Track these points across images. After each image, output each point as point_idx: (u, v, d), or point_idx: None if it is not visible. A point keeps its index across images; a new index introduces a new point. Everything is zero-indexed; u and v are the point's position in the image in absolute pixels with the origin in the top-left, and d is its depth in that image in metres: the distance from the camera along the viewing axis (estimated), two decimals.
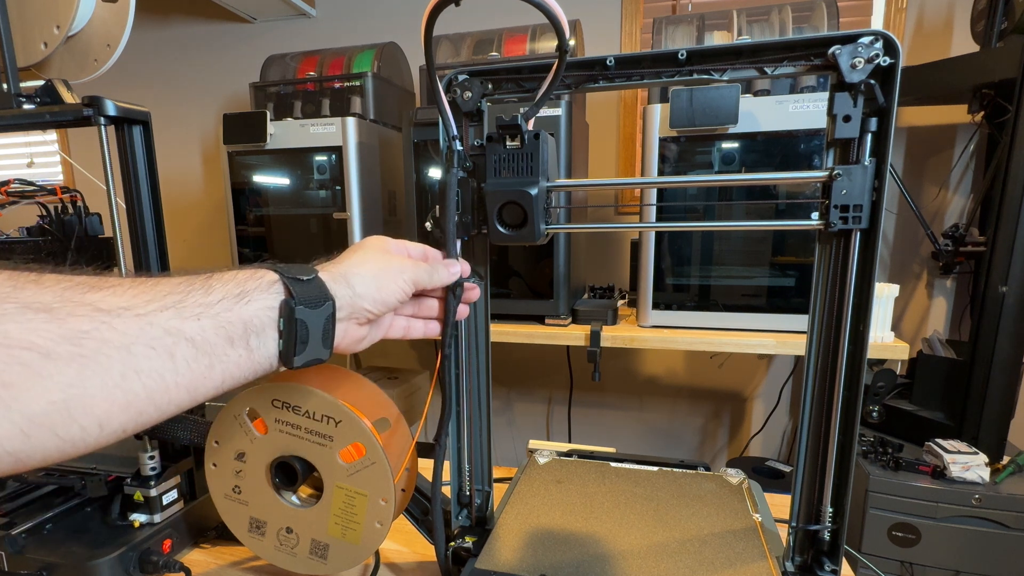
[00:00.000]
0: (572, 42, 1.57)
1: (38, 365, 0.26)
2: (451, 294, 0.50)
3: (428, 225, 0.52)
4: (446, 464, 0.57)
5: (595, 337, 1.38)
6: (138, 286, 0.32)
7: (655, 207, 1.39)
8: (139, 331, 0.30)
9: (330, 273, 0.40)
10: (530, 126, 0.49)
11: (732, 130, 1.27)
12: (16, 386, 0.26)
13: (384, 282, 0.43)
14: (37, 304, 0.27)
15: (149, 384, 0.30)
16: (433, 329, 0.51)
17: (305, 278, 0.38)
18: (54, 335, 0.27)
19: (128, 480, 0.63)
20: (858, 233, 0.44)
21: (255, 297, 0.36)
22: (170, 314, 0.31)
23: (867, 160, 0.42)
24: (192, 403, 0.33)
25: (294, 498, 0.55)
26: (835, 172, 0.43)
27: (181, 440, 0.61)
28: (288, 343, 0.37)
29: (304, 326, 0.37)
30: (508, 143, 0.48)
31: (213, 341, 0.33)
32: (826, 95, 0.44)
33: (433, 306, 0.50)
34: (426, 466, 0.67)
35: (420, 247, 0.49)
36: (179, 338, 0.31)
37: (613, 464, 0.71)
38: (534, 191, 0.47)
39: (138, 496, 0.63)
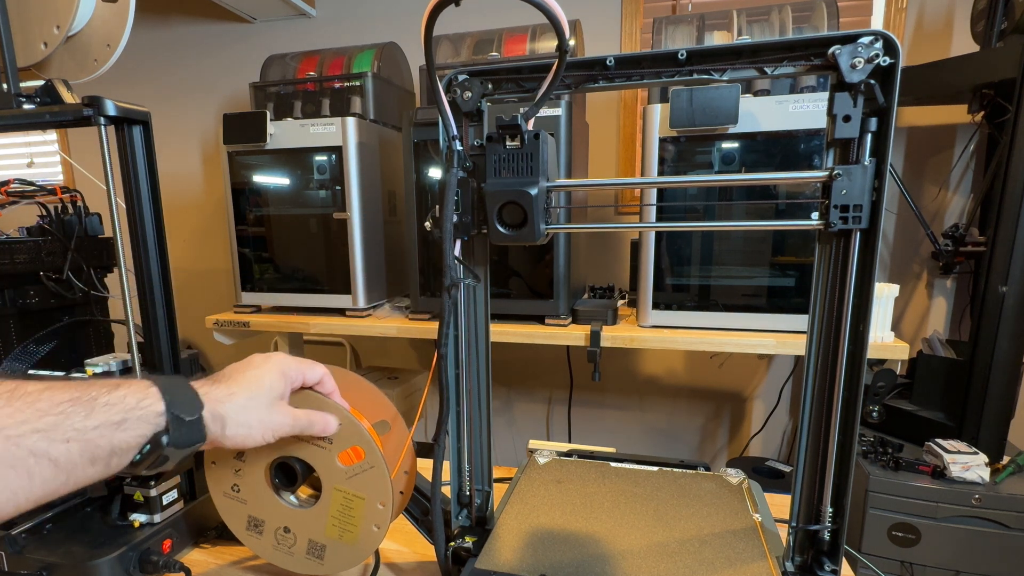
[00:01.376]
0: (572, 42, 1.57)
1: None
2: (446, 294, 0.50)
3: (428, 225, 0.52)
4: (445, 464, 0.57)
5: (595, 337, 1.38)
6: (17, 400, 0.32)
7: (655, 207, 1.39)
8: (4, 452, 0.31)
9: (211, 411, 0.41)
10: (530, 126, 0.49)
11: (732, 130, 1.27)
12: None
13: (254, 433, 0.44)
14: None
15: (1, 499, 0.31)
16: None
17: (188, 418, 0.39)
18: None
19: (128, 480, 0.63)
20: (858, 233, 0.44)
21: (133, 426, 0.36)
22: (39, 437, 0.32)
23: (867, 160, 0.42)
24: (33, 507, 0.34)
25: (292, 498, 0.55)
26: (835, 172, 0.43)
27: None
28: (142, 464, 0.38)
29: (164, 459, 0.39)
30: (508, 143, 0.48)
31: (76, 462, 0.34)
32: (826, 95, 0.44)
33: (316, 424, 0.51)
34: (426, 466, 0.67)
35: (319, 374, 0.51)
36: (42, 459, 0.32)
37: (613, 464, 0.71)
38: (534, 191, 0.47)
39: (138, 496, 0.63)
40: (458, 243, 0.52)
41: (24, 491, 0.32)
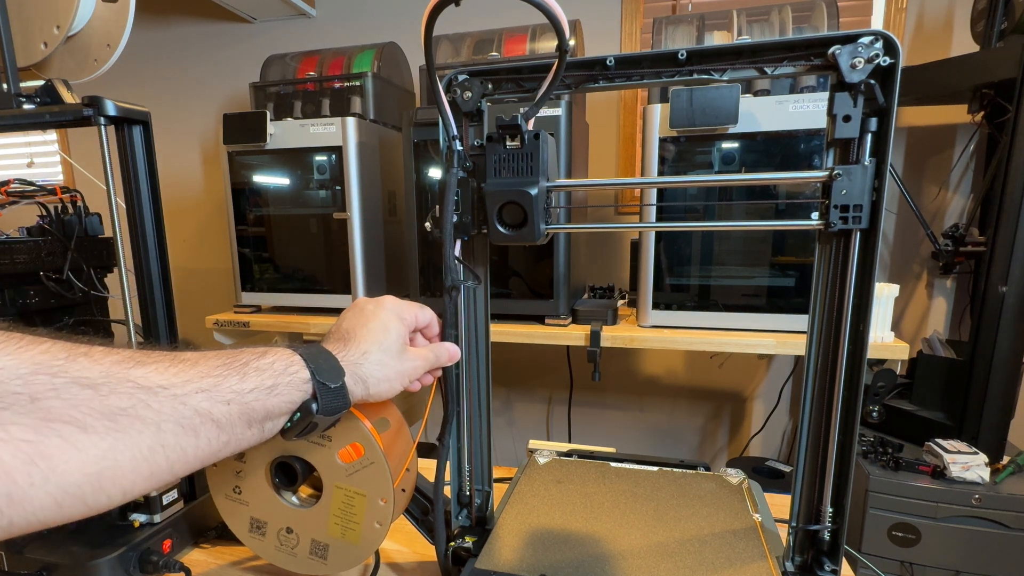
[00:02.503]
0: (572, 42, 1.57)
1: (76, 438, 0.29)
2: (448, 296, 0.50)
3: (428, 225, 0.52)
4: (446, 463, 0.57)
5: (595, 337, 1.38)
6: (179, 363, 0.34)
7: (655, 207, 1.39)
8: (172, 410, 0.32)
9: (352, 375, 0.43)
10: (530, 126, 0.49)
11: (732, 130, 1.27)
12: (54, 458, 0.28)
13: (395, 385, 0.46)
14: (84, 379, 0.30)
15: (172, 457, 0.33)
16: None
17: (333, 386, 0.41)
18: (94, 410, 0.29)
19: None
20: (858, 233, 0.44)
21: (283, 392, 0.38)
22: (203, 397, 0.34)
23: (867, 160, 0.42)
24: (199, 468, 0.36)
25: (294, 498, 0.55)
26: (835, 172, 0.43)
27: None
28: (294, 430, 0.40)
29: (313, 426, 0.41)
30: (508, 143, 0.48)
31: (235, 423, 0.36)
32: (826, 95, 0.44)
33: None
34: (426, 466, 0.67)
35: (429, 317, 0.52)
36: (207, 419, 0.34)
37: (613, 464, 0.71)
38: (534, 191, 0.47)
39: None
40: (458, 243, 0.52)
41: (192, 448, 0.34)
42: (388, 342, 0.45)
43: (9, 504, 0.27)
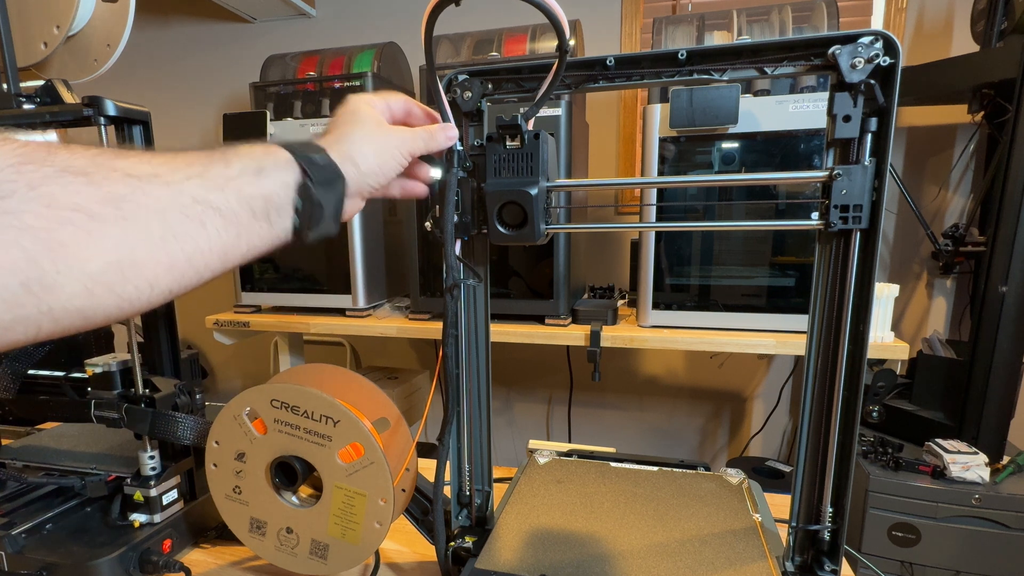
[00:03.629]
0: (572, 42, 1.57)
1: (87, 226, 0.28)
2: (449, 295, 0.50)
3: (428, 225, 0.52)
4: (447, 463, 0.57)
5: (595, 337, 1.38)
6: (160, 155, 0.33)
7: (655, 207, 1.39)
8: (170, 198, 0.31)
9: (337, 152, 0.41)
10: (530, 126, 0.49)
11: (732, 130, 1.27)
12: (70, 245, 0.27)
13: (385, 159, 0.44)
14: (73, 168, 0.28)
15: (187, 248, 0.32)
16: (423, 190, 0.51)
17: (318, 160, 0.39)
18: (96, 198, 0.28)
19: (128, 480, 0.63)
20: (858, 233, 0.44)
21: (272, 173, 0.37)
22: (195, 183, 0.33)
23: (867, 160, 0.42)
24: (223, 269, 0.35)
25: (294, 498, 0.55)
26: (835, 172, 0.43)
27: (181, 440, 0.61)
28: (304, 221, 0.39)
29: (320, 207, 0.39)
30: (508, 143, 0.48)
31: (238, 212, 0.34)
32: (826, 95, 0.44)
33: (424, 167, 0.51)
34: (426, 466, 0.67)
35: (401, 102, 0.48)
36: (207, 207, 0.33)
37: (613, 464, 0.71)
38: (534, 191, 0.47)
39: (138, 496, 0.63)
40: (458, 243, 0.52)
41: (204, 239, 0.33)
42: (361, 120, 0.44)
43: (43, 290, 0.26)
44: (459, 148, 0.50)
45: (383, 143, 0.44)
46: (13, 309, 0.26)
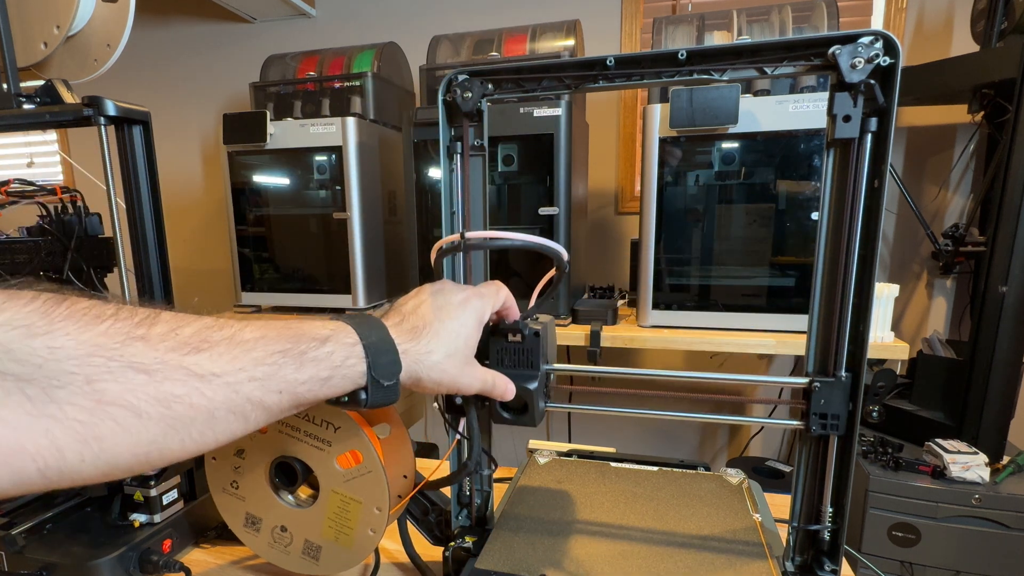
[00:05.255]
0: (572, 42, 1.57)
1: (130, 423, 0.29)
2: (473, 408, 0.51)
3: (436, 405, 0.55)
4: (445, 460, 0.57)
5: (595, 337, 1.38)
6: (235, 347, 0.34)
7: (655, 207, 1.39)
8: (225, 398, 0.33)
9: (408, 372, 0.41)
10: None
11: (732, 130, 1.27)
12: (106, 440, 0.29)
13: (443, 389, 0.44)
14: (139, 364, 0.30)
15: (220, 438, 0.34)
16: None
17: (386, 383, 0.39)
18: (149, 396, 0.30)
19: (128, 480, 0.63)
20: (836, 438, 0.44)
21: (337, 384, 0.38)
22: (256, 386, 0.34)
23: (843, 374, 0.46)
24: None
25: (290, 498, 0.55)
26: (814, 384, 0.46)
27: None
28: (335, 404, 0.40)
29: (357, 409, 0.40)
30: (510, 338, 0.51)
31: (285, 409, 0.36)
32: (826, 95, 0.44)
33: None
34: (425, 466, 0.67)
35: (503, 299, 0.49)
36: (258, 406, 0.34)
37: (613, 464, 0.71)
38: (533, 385, 0.50)
39: (138, 496, 0.63)
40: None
41: (241, 429, 0.34)
42: (456, 350, 0.43)
43: (59, 477, 0.28)
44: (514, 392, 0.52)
45: (454, 380, 0.43)
46: (20, 487, 0.27)
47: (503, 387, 0.49)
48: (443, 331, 0.43)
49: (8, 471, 0.26)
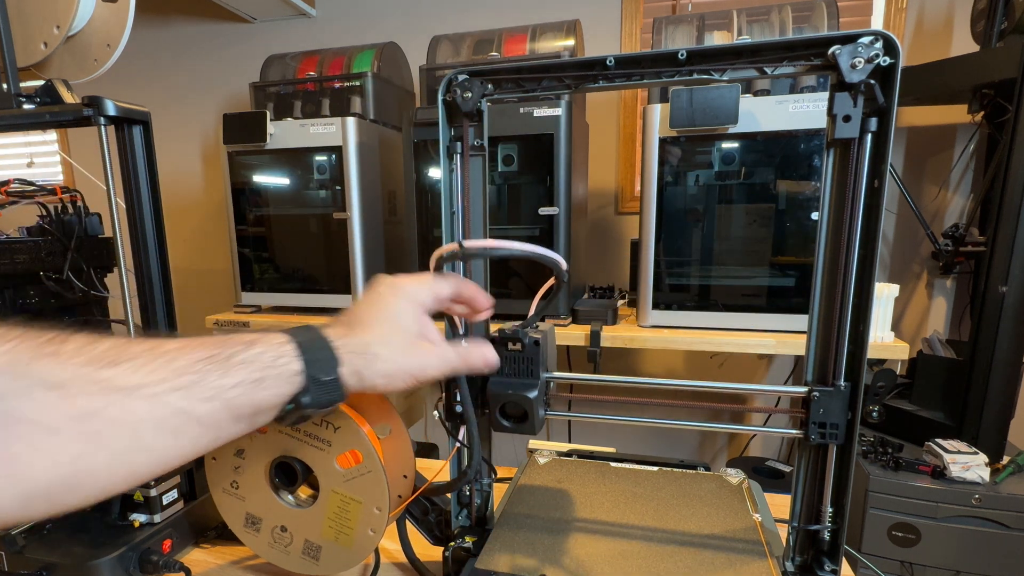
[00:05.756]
0: (572, 42, 1.57)
1: (43, 442, 0.27)
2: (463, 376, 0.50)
3: (436, 414, 0.55)
4: (446, 465, 0.57)
5: (595, 337, 1.38)
6: (156, 359, 0.32)
7: (655, 208, 1.39)
8: (148, 411, 0.31)
9: (348, 366, 0.39)
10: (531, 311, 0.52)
11: (732, 130, 1.27)
12: (19, 461, 0.27)
13: (395, 381, 0.41)
14: (49, 381, 0.28)
15: (152, 459, 0.32)
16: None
17: (325, 379, 0.38)
18: (62, 414, 0.28)
19: None
20: (835, 447, 0.44)
21: (271, 385, 0.36)
22: (181, 395, 0.32)
23: (842, 383, 0.46)
24: (189, 463, 0.34)
25: (290, 497, 0.54)
26: (813, 393, 0.46)
27: None
28: (285, 419, 0.38)
29: (306, 417, 0.39)
30: (510, 347, 0.51)
31: (220, 420, 0.34)
32: (826, 95, 0.44)
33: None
34: (425, 466, 0.67)
35: (449, 288, 0.45)
36: (187, 418, 0.32)
37: (613, 464, 0.71)
38: (533, 394, 0.50)
39: (138, 496, 0.63)
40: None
41: (174, 449, 0.32)
42: (394, 336, 0.41)
43: None
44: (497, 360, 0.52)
45: (402, 368, 0.41)
46: None
47: (479, 357, 0.46)
48: (374, 324, 0.41)
49: None
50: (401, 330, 0.41)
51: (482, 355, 0.47)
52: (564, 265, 0.48)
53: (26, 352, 0.28)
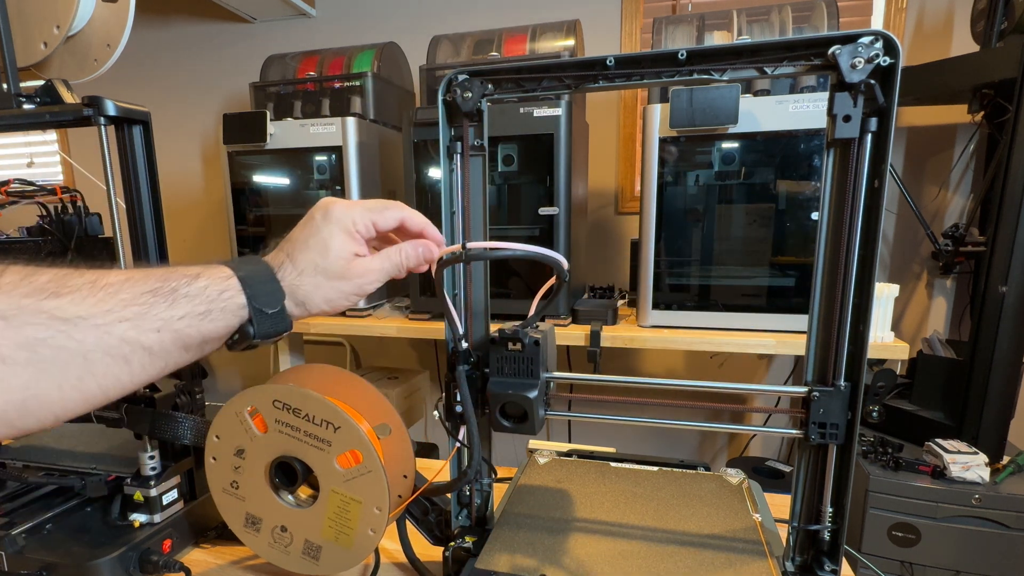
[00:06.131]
0: (572, 42, 1.57)
1: None
2: (462, 373, 0.51)
3: (436, 414, 0.55)
4: (446, 465, 0.57)
5: (595, 337, 1.38)
6: (98, 292, 0.33)
7: (655, 208, 1.39)
8: (96, 340, 0.31)
9: (291, 296, 0.41)
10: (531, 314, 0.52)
11: (732, 130, 1.27)
12: None
13: (338, 303, 0.43)
14: None
15: (105, 384, 0.32)
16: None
17: (270, 311, 0.39)
18: (9, 342, 0.29)
19: (128, 480, 0.63)
20: (835, 447, 0.44)
21: (217, 317, 0.37)
22: (128, 325, 0.33)
23: (842, 383, 0.46)
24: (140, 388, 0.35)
25: (290, 497, 0.55)
26: (813, 393, 0.46)
27: (181, 440, 0.61)
28: (233, 346, 0.39)
29: (254, 346, 0.40)
30: (510, 347, 0.51)
31: (169, 349, 0.35)
32: (826, 95, 0.44)
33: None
34: (425, 466, 0.67)
35: (392, 219, 0.46)
36: (136, 347, 0.33)
37: (613, 464, 0.71)
38: (533, 394, 0.50)
39: (138, 496, 0.63)
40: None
41: (127, 375, 0.33)
42: (327, 262, 0.42)
43: None
44: (464, 346, 0.53)
45: (341, 291, 0.42)
46: None
47: (416, 252, 0.46)
48: (306, 250, 0.42)
49: None
50: (332, 258, 0.42)
51: (415, 250, 0.46)
52: (566, 265, 0.49)
53: None
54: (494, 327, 0.54)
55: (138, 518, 0.63)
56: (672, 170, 1.34)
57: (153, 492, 0.63)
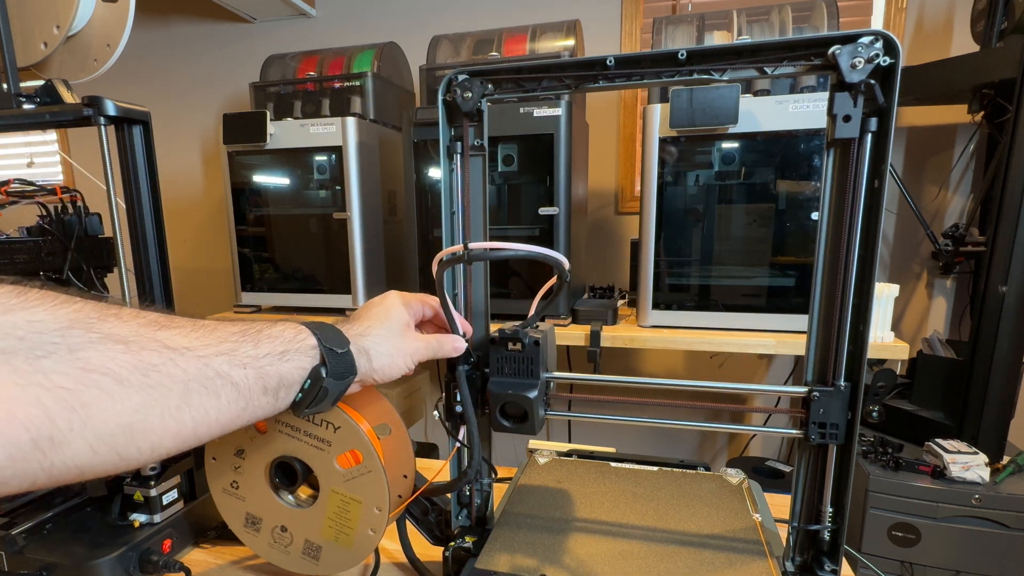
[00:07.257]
0: (572, 42, 1.57)
1: (113, 389, 0.30)
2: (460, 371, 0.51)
3: (436, 414, 0.55)
4: (446, 465, 0.57)
5: (595, 337, 1.38)
6: (199, 329, 0.37)
7: (655, 208, 1.39)
8: (197, 370, 0.34)
9: (356, 346, 0.45)
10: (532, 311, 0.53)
11: (732, 130, 1.27)
12: (92, 406, 0.29)
13: (397, 362, 0.48)
14: (116, 336, 0.31)
15: (196, 417, 0.34)
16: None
17: (339, 351, 0.43)
18: (128, 364, 0.31)
19: (128, 480, 0.63)
20: (834, 448, 0.44)
21: (293, 358, 0.41)
22: (223, 360, 0.36)
23: (842, 383, 0.46)
24: (220, 435, 0.37)
25: (290, 497, 0.55)
26: (813, 393, 0.46)
27: None
28: (306, 400, 0.42)
29: (325, 392, 0.42)
30: (510, 347, 0.52)
31: (252, 388, 0.38)
32: (826, 95, 0.44)
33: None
34: (425, 466, 0.67)
35: (431, 308, 0.53)
36: (227, 382, 0.36)
37: (613, 464, 0.71)
38: (533, 394, 0.50)
39: (138, 496, 0.63)
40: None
41: (214, 410, 0.35)
42: (390, 323, 0.48)
43: (51, 447, 0.28)
44: (464, 346, 0.54)
45: (400, 348, 0.48)
46: (16, 464, 0.28)
47: (451, 343, 0.52)
48: (371, 315, 0.48)
49: (2, 441, 0.27)
50: (394, 319, 0.49)
51: (451, 342, 0.53)
52: (567, 265, 0.49)
53: (92, 312, 0.32)
54: (494, 327, 0.54)
55: (138, 518, 0.63)
56: (672, 170, 1.34)
57: (153, 492, 0.63)
